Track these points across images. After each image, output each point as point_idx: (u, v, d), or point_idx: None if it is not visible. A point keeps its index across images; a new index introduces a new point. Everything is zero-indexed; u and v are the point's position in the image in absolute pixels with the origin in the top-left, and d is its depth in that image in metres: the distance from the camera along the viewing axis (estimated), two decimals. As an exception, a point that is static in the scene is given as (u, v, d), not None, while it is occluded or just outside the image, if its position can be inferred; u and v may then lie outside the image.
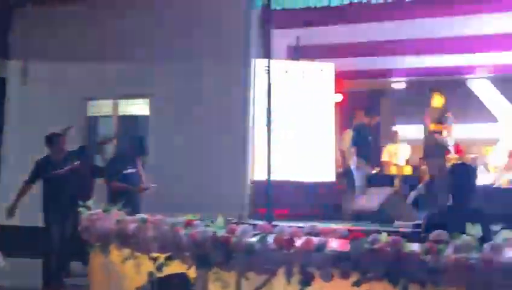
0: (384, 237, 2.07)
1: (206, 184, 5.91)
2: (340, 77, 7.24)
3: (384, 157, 7.58)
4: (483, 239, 1.97)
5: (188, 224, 2.69)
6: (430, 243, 1.99)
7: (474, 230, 1.96)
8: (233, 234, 2.43)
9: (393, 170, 6.90)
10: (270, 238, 2.32)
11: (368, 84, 9.66)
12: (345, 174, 7.66)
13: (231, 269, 2.42)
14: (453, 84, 8.52)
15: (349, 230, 2.36)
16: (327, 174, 6.47)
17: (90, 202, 3.58)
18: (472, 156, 6.81)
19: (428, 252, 1.95)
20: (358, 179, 6.82)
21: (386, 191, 5.99)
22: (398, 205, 5.56)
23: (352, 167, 6.99)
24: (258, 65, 6.03)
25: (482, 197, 4.61)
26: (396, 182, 6.72)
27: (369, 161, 6.92)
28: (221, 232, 2.48)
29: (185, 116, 6.23)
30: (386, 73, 9.34)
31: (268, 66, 3.30)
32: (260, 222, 2.82)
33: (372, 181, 6.85)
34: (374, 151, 7.16)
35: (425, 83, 9.51)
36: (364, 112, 7.24)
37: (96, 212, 3.39)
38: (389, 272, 1.98)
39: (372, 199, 5.83)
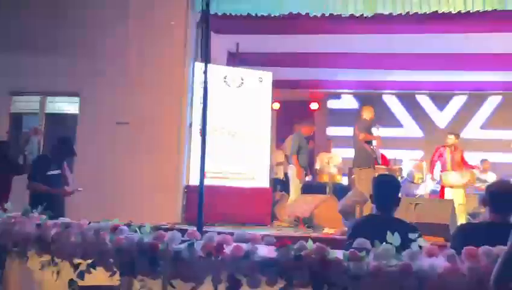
0: (310, 244, 2.10)
1: (138, 188, 5.75)
2: (278, 86, 7.37)
3: (318, 165, 7.78)
4: (403, 247, 2.07)
5: (114, 229, 2.58)
6: (353, 250, 2.06)
7: (394, 238, 2.05)
8: (161, 240, 2.37)
9: (325, 178, 7.09)
10: (199, 245, 2.28)
11: (304, 94, 9.93)
12: (281, 180, 7.79)
13: (157, 276, 2.35)
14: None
15: (278, 237, 2.37)
16: (262, 180, 6.55)
17: (8, 204, 3.33)
18: (398, 166, 7.16)
19: (351, 259, 2.02)
20: (292, 185, 6.94)
21: (318, 198, 6.15)
22: (328, 212, 5.72)
23: (289, 173, 7.11)
24: (197, 68, 5.98)
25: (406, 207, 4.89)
26: (328, 189, 6.92)
27: (305, 169, 7.09)
28: (148, 239, 2.40)
29: (117, 117, 6.02)
30: (321, 84, 9.68)
31: (206, 69, 3.25)
32: (191, 228, 2.77)
33: (306, 188, 7.01)
34: (309, 159, 7.33)
35: (357, 95, 10.00)
36: (301, 121, 7.41)
37: (15, 215, 3.16)
38: (313, 279, 2.02)
39: (304, 206, 5.96)
